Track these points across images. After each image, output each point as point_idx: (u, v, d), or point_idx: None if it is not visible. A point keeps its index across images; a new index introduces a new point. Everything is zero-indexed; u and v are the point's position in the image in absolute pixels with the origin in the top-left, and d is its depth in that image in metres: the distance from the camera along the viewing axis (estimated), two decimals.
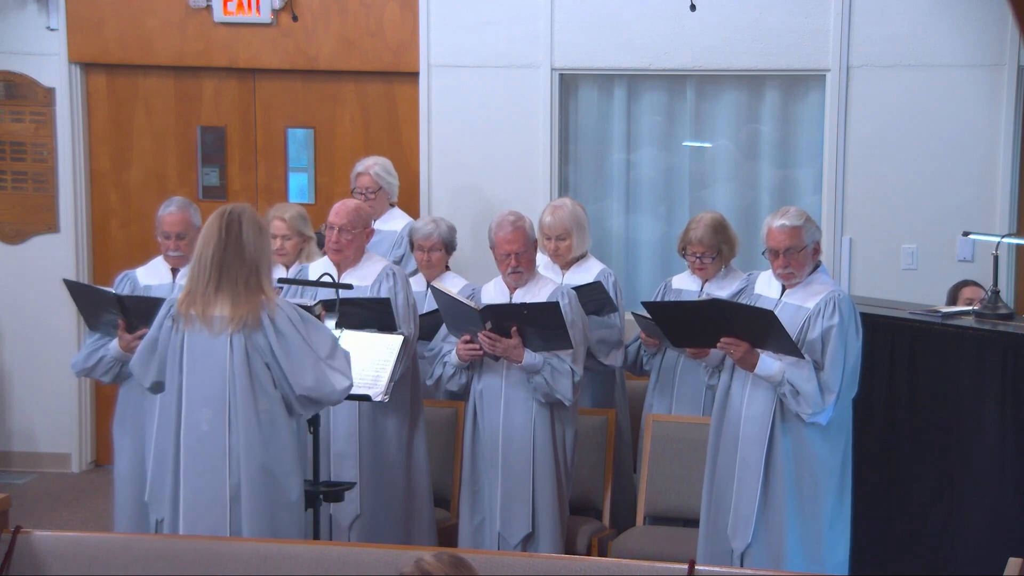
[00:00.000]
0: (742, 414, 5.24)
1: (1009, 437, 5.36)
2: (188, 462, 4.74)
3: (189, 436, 4.74)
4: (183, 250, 5.79)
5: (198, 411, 4.73)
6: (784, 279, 5.26)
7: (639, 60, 7.60)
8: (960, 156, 7.36)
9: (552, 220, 6.29)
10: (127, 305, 5.57)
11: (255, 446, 4.70)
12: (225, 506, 4.71)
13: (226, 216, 4.74)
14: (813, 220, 5.30)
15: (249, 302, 4.68)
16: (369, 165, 6.99)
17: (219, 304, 4.70)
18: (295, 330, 4.70)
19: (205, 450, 4.72)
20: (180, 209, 5.85)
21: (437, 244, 6.38)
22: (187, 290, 4.78)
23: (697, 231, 6.16)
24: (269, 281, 4.79)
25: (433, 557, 3.22)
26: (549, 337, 5.51)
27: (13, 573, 4.36)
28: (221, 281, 4.70)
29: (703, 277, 6.21)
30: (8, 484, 7.73)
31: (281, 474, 4.75)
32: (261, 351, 4.70)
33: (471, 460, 5.75)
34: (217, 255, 4.71)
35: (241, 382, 4.69)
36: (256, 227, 4.76)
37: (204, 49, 7.91)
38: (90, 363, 5.72)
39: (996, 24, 7.25)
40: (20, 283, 8.15)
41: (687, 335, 5.34)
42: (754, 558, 5.19)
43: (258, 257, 4.74)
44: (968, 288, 6.66)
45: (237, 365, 4.69)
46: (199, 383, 4.73)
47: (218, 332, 4.70)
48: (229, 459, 4.71)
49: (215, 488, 4.72)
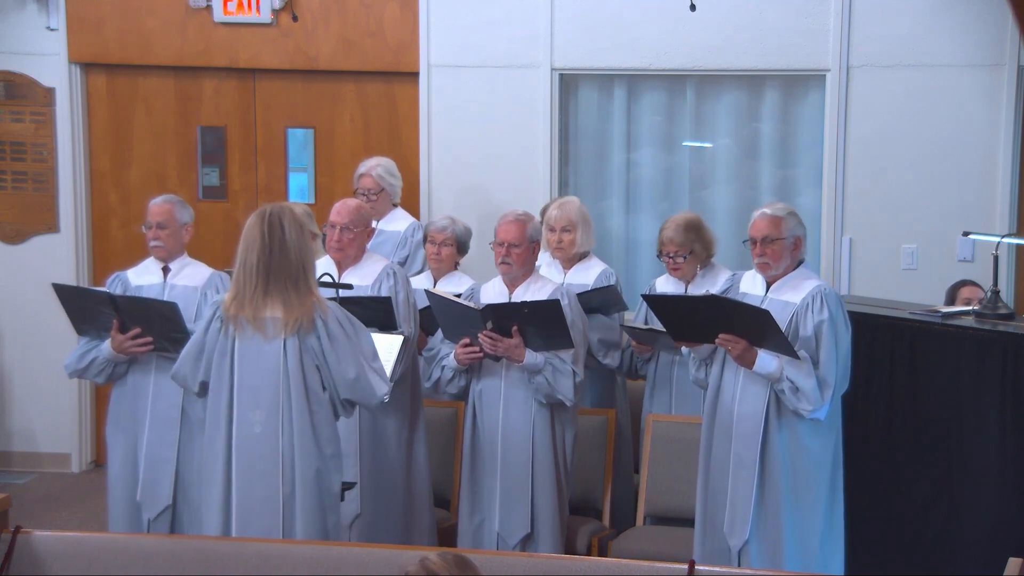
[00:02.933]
0: (735, 410, 5.24)
1: (1009, 437, 5.37)
2: (240, 465, 4.74)
3: (241, 439, 4.74)
4: (164, 241, 5.77)
5: (251, 413, 4.73)
6: (759, 269, 5.29)
7: (639, 60, 7.60)
8: (960, 156, 7.36)
9: (559, 212, 6.35)
10: (120, 304, 5.57)
11: (309, 449, 4.72)
12: (278, 508, 4.73)
13: (267, 218, 4.73)
14: (799, 217, 5.31)
15: (302, 304, 4.69)
16: (371, 166, 7.00)
17: (270, 307, 4.70)
18: (343, 332, 4.72)
19: (257, 452, 4.72)
20: (166, 200, 5.86)
21: (449, 239, 6.41)
22: (233, 293, 4.76)
23: (668, 231, 6.21)
24: (315, 280, 4.80)
25: (438, 557, 3.22)
26: (550, 336, 5.51)
27: (13, 573, 4.36)
28: (269, 285, 4.70)
29: (680, 277, 6.23)
30: (8, 484, 7.73)
31: (330, 476, 4.79)
32: (313, 353, 4.72)
33: (471, 460, 5.75)
34: (263, 259, 4.70)
35: (296, 385, 4.71)
36: (298, 226, 4.76)
37: (204, 49, 7.92)
38: (82, 364, 5.72)
39: (996, 24, 7.25)
40: (20, 283, 8.15)
41: (686, 330, 5.35)
42: (751, 555, 5.20)
43: (304, 257, 4.74)
44: (966, 288, 6.67)
45: (292, 368, 4.70)
46: (251, 386, 4.73)
47: (272, 335, 4.70)
48: (282, 461, 4.72)
49: (269, 490, 4.72)
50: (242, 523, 4.74)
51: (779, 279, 5.28)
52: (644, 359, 6.30)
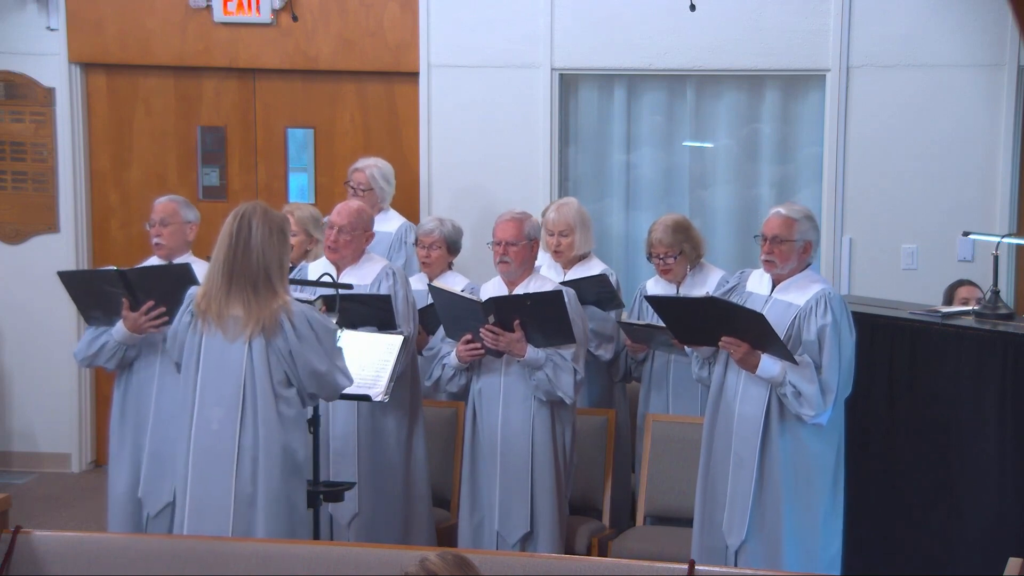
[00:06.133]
0: (736, 409, 5.24)
1: (1009, 437, 5.36)
2: (196, 461, 4.77)
3: (200, 435, 4.76)
4: (165, 238, 5.76)
5: (210, 410, 4.75)
6: (765, 267, 5.29)
7: (639, 60, 7.60)
8: (960, 156, 7.36)
9: (556, 216, 6.34)
10: (130, 278, 5.55)
11: (276, 448, 4.72)
12: (229, 506, 4.72)
13: (238, 218, 4.74)
14: (814, 221, 5.30)
15: (262, 306, 4.69)
16: (368, 164, 7.00)
17: (232, 306, 4.72)
18: (311, 330, 4.73)
19: (214, 449, 4.73)
20: (171, 199, 5.86)
21: (438, 242, 6.37)
22: (203, 290, 4.79)
23: (656, 232, 6.20)
24: (283, 282, 4.78)
25: (438, 557, 3.23)
26: (552, 331, 5.51)
27: (13, 573, 4.36)
28: (232, 285, 4.72)
29: (670, 279, 6.23)
30: (8, 484, 7.74)
31: (297, 475, 4.80)
32: (279, 353, 4.72)
33: (471, 459, 5.75)
34: (228, 258, 4.72)
35: (262, 386, 4.71)
36: (267, 227, 4.74)
37: (204, 49, 7.92)
38: (92, 350, 5.69)
39: (996, 24, 7.25)
40: (20, 283, 8.15)
41: (690, 332, 5.35)
42: (749, 554, 5.20)
43: (268, 259, 4.72)
44: (964, 288, 6.67)
45: (258, 369, 4.71)
46: (213, 383, 4.75)
47: (234, 336, 4.72)
48: (238, 460, 4.72)
49: (221, 488, 4.73)
50: (195, 519, 4.76)
51: (785, 279, 5.27)
52: (639, 360, 6.30)
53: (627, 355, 6.33)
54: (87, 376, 8.19)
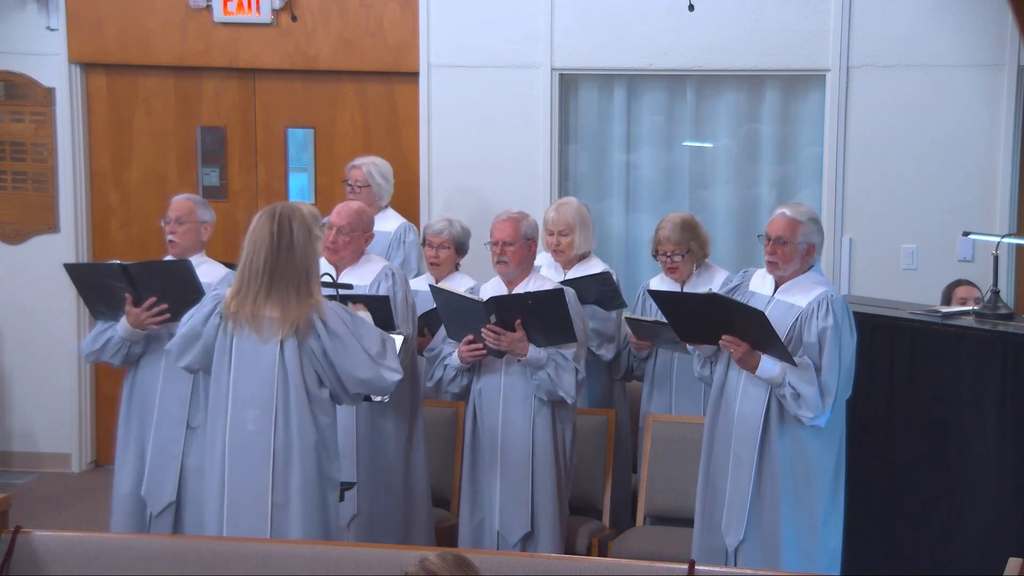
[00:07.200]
0: (736, 409, 5.24)
1: (1009, 437, 5.37)
2: (233, 463, 4.74)
3: (235, 436, 4.74)
4: (179, 236, 5.77)
5: (244, 411, 4.73)
6: (768, 268, 5.29)
7: (639, 60, 7.60)
8: (960, 156, 7.36)
9: (556, 216, 6.35)
10: (132, 272, 5.55)
11: (309, 451, 4.71)
12: (267, 508, 4.71)
13: (277, 218, 4.70)
14: (819, 224, 5.29)
15: (300, 307, 4.67)
16: (367, 162, 7.01)
17: (269, 307, 4.69)
18: (347, 329, 4.70)
19: (249, 451, 4.72)
20: (187, 198, 5.87)
21: (447, 241, 6.38)
22: (235, 290, 4.74)
23: (665, 230, 6.20)
24: (318, 283, 4.77)
25: (437, 557, 3.23)
26: (553, 330, 5.51)
27: (13, 573, 4.36)
28: (273, 286, 4.68)
29: (676, 278, 6.23)
30: (8, 484, 7.74)
31: (330, 476, 4.79)
32: (313, 355, 4.70)
33: (471, 459, 5.75)
34: (270, 260, 4.67)
35: (295, 387, 4.69)
36: (306, 229, 4.73)
37: (204, 49, 7.92)
38: (97, 345, 5.70)
39: (996, 24, 7.25)
40: (20, 283, 8.15)
41: (691, 329, 5.35)
42: (747, 554, 5.20)
43: (308, 261, 4.72)
44: (962, 287, 6.67)
45: (291, 370, 4.69)
46: (246, 384, 4.72)
47: (268, 337, 4.69)
48: (274, 462, 4.71)
49: (259, 489, 4.71)
50: (232, 521, 4.74)
51: (788, 280, 5.27)
52: (641, 358, 6.29)
53: (629, 353, 6.33)
54: (87, 376, 8.19)
